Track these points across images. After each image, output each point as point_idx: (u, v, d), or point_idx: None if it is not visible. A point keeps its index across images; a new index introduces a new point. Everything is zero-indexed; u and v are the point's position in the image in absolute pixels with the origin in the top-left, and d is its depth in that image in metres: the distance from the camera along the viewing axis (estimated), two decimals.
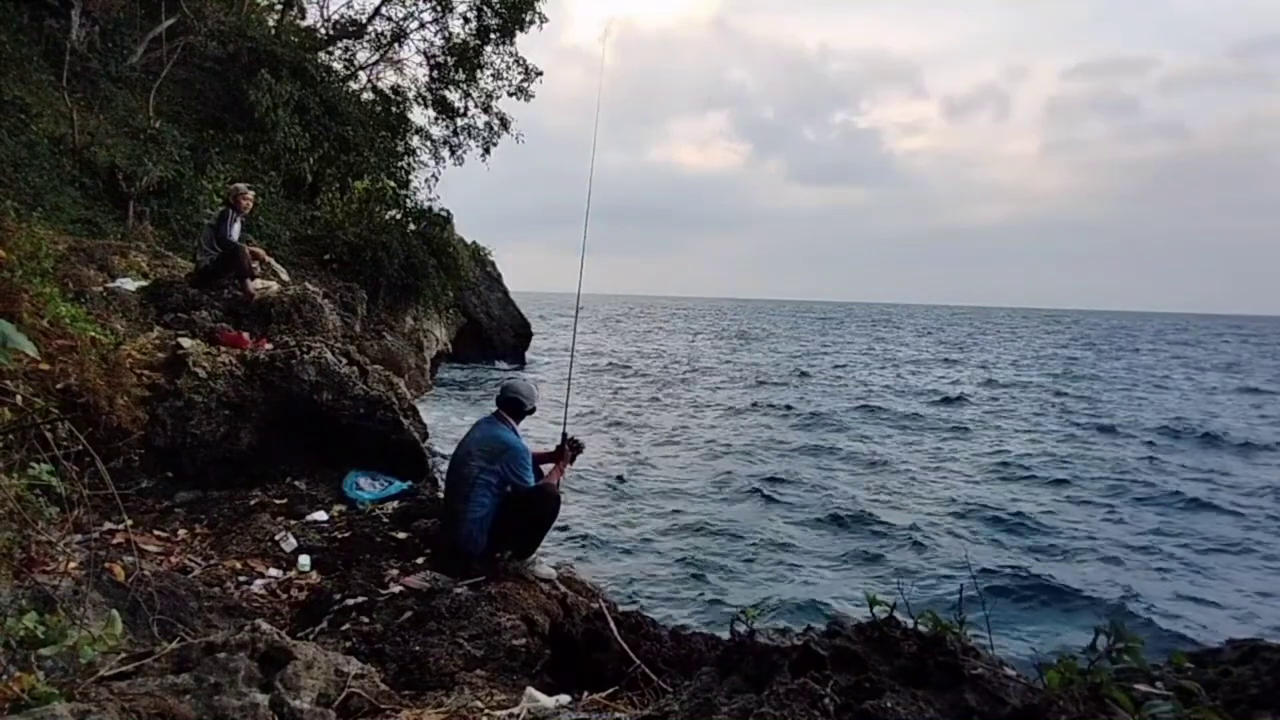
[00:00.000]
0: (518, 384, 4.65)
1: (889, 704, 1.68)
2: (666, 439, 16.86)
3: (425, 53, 19.84)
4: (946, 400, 24.40)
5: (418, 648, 3.33)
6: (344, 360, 6.25)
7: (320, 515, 5.23)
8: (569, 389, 6.02)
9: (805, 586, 8.59)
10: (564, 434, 4.73)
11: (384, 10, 19.62)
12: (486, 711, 2.57)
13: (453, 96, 20.28)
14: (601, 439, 16.03)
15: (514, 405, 4.54)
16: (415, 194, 18.50)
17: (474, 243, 24.31)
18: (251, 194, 8.13)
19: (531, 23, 19.10)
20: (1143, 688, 1.59)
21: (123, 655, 2.22)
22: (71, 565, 2.86)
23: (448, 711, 2.54)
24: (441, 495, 5.14)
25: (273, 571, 4.43)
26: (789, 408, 21.69)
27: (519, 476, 4.29)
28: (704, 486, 12.81)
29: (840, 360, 39.33)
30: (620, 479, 12.83)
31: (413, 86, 20.21)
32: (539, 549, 4.45)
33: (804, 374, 31.26)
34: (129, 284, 7.33)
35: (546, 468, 4.69)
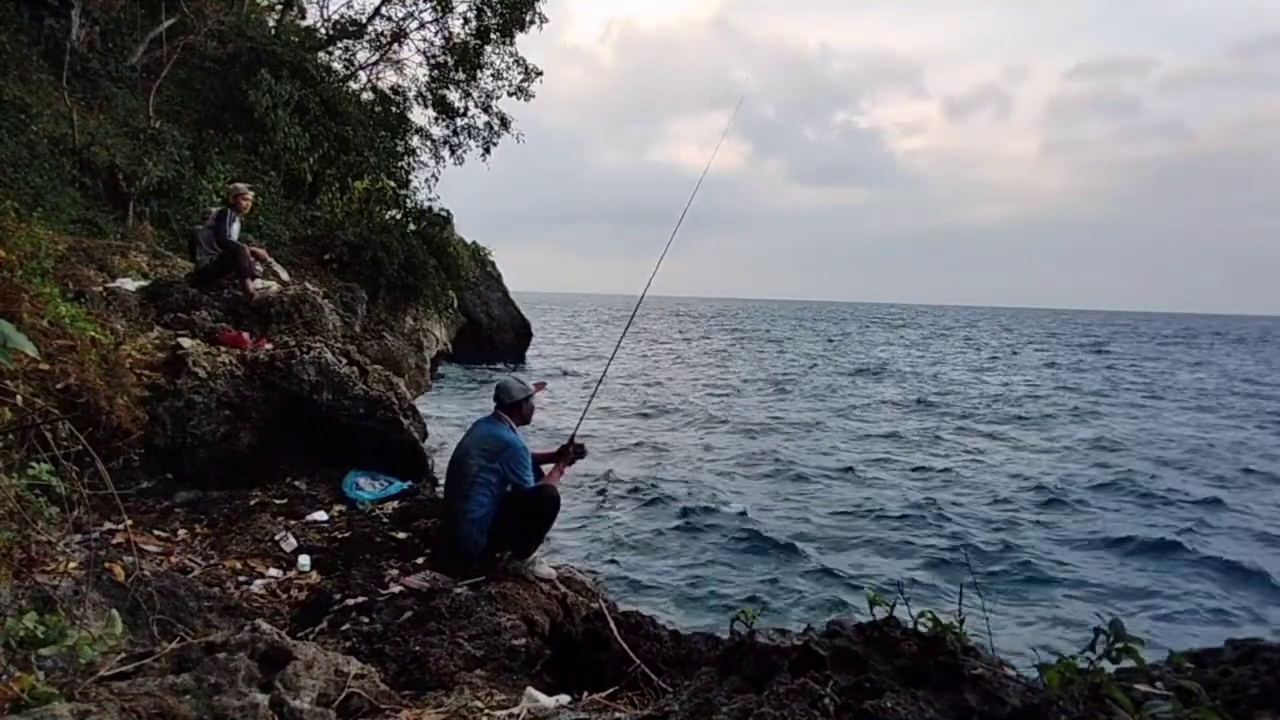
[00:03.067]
0: (512, 383, 4.64)
1: (889, 704, 1.68)
2: (671, 438, 16.86)
3: (425, 53, 19.83)
4: None
5: (418, 648, 3.33)
6: (344, 360, 6.25)
7: (320, 515, 5.23)
8: (595, 392, 5.85)
9: (806, 586, 8.59)
10: (572, 437, 4.72)
11: (384, 10, 19.61)
12: (486, 711, 2.57)
13: (453, 96, 20.27)
14: (606, 439, 16.02)
15: (512, 405, 4.53)
16: (415, 194, 18.47)
17: (474, 243, 24.29)
18: (251, 194, 8.12)
19: (532, 23, 19.08)
20: (1143, 688, 1.59)
21: (123, 655, 2.22)
22: (71, 565, 2.86)
23: (448, 711, 2.54)
24: (441, 495, 5.14)
25: (273, 571, 4.43)
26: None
27: (519, 475, 4.28)
28: (707, 487, 12.81)
29: None
30: (622, 479, 12.83)
31: (413, 86, 20.20)
32: (538, 549, 4.45)
33: None
34: (129, 284, 7.32)
35: (547, 468, 4.69)
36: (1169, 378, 35.53)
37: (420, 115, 20.33)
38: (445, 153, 20.70)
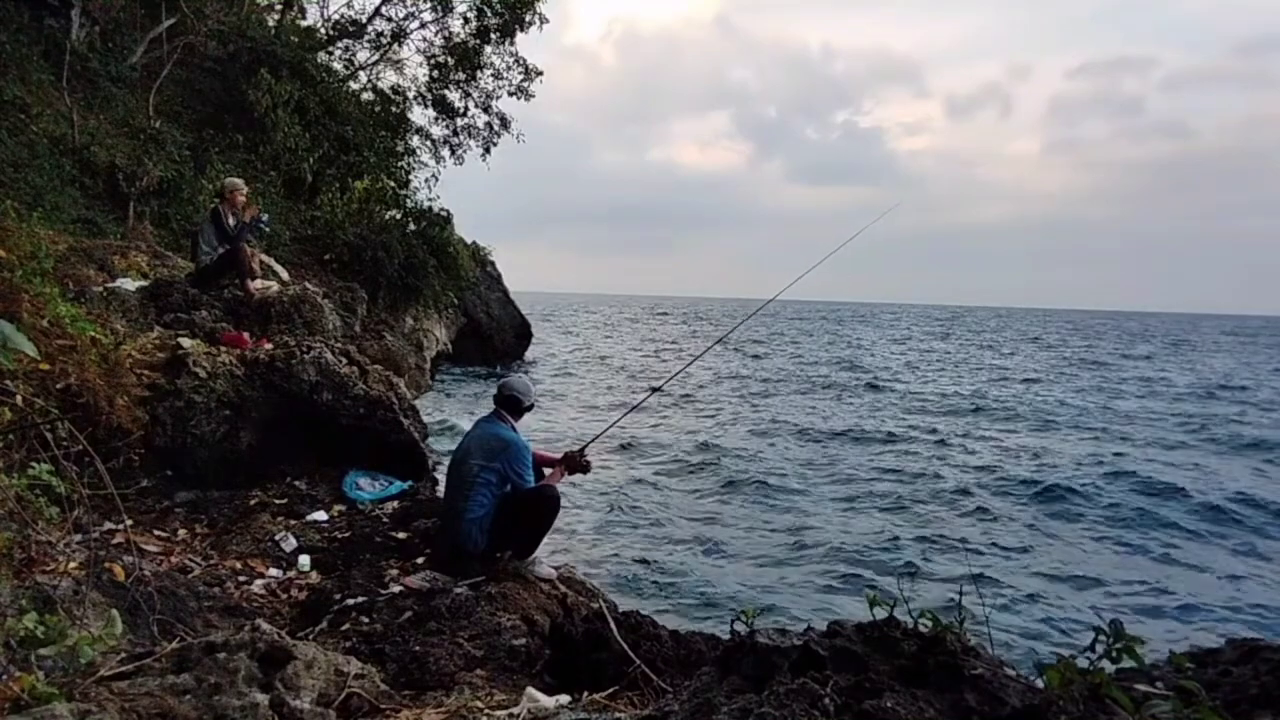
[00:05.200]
0: (514, 381, 4.63)
1: (889, 704, 1.67)
2: (673, 437, 16.85)
3: (425, 52, 19.88)
4: None
5: (418, 648, 3.33)
6: (344, 360, 6.26)
7: (320, 515, 5.23)
8: (654, 391, 5.53)
9: (806, 586, 8.58)
10: (583, 448, 4.70)
11: (384, 10, 19.66)
12: (486, 711, 2.56)
13: (453, 96, 20.32)
14: (608, 437, 15.94)
15: (512, 403, 4.52)
16: (415, 194, 18.51)
17: (474, 243, 24.30)
18: (245, 188, 8.04)
19: (532, 23, 19.12)
20: (1143, 688, 1.59)
21: (123, 655, 2.22)
22: (71, 565, 2.86)
23: (448, 711, 2.54)
24: (441, 495, 5.14)
25: (273, 571, 4.43)
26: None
27: (519, 474, 4.27)
28: (709, 486, 12.81)
29: None
30: (625, 479, 12.83)
31: (413, 86, 20.25)
32: (538, 549, 4.44)
33: None
34: (129, 284, 7.32)
35: (548, 471, 4.68)
36: None
37: (420, 115, 20.40)
38: (445, 152, 20.78)
